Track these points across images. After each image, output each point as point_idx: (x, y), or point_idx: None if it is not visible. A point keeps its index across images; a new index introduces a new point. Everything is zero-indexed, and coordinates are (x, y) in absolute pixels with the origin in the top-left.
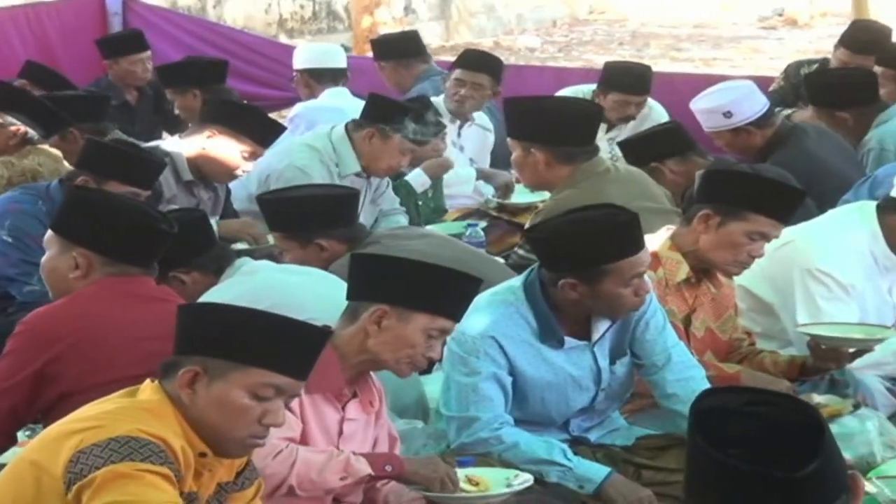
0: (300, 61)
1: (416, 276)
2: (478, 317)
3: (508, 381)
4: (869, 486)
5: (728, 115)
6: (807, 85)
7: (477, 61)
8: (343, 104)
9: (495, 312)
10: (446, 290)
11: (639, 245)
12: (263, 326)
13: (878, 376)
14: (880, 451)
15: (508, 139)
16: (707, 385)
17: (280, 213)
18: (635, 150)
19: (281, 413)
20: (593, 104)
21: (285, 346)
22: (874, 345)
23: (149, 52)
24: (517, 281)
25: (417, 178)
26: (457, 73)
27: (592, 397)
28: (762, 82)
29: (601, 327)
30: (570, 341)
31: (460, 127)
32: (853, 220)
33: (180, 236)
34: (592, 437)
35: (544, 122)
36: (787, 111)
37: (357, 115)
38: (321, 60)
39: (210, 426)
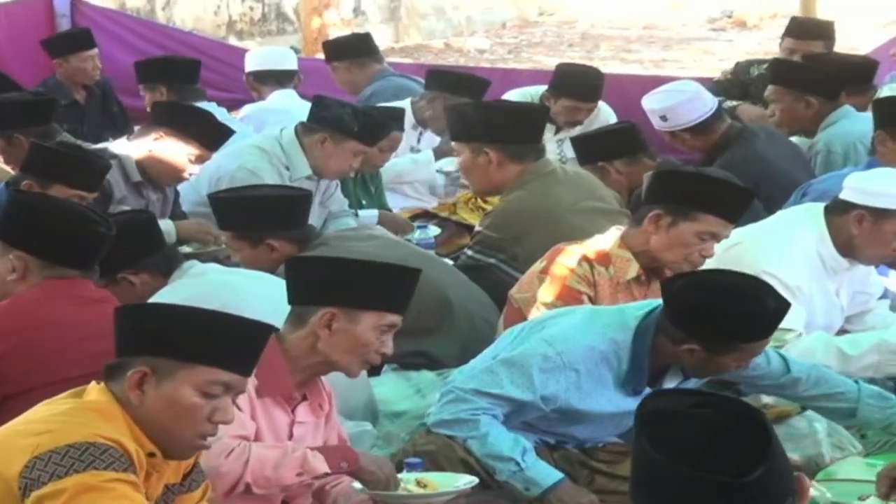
0: (247, 64)
1: (359, 275)
2: (581, 340)
3: (540, 413)
4: (811, 491)
5: (664, 118)
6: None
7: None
8: (290, 106)
9: (598, 347)
10: (389, 286)
11: (775, 328)
12: (208, 324)
13: None
14: (829, 452)
15: (454, 144)
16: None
17: (232, 213)
18: (587, 146)
19: (230, 410)
20: (537, 104)
21: (231, 343)
22: None
23: (97, 50)
24: (633, 319)
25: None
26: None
27: (621, 434)
28: (707, 83)
29: (674, 380)
30: (645, 390)
31: (421, 133)
32: (801, 221)
33: (129, 238)
34: (568, 444)
35: (493, 121)
36: (732, 102)
37: (304, 117)
38: (265, 63)
39: (160, 426)
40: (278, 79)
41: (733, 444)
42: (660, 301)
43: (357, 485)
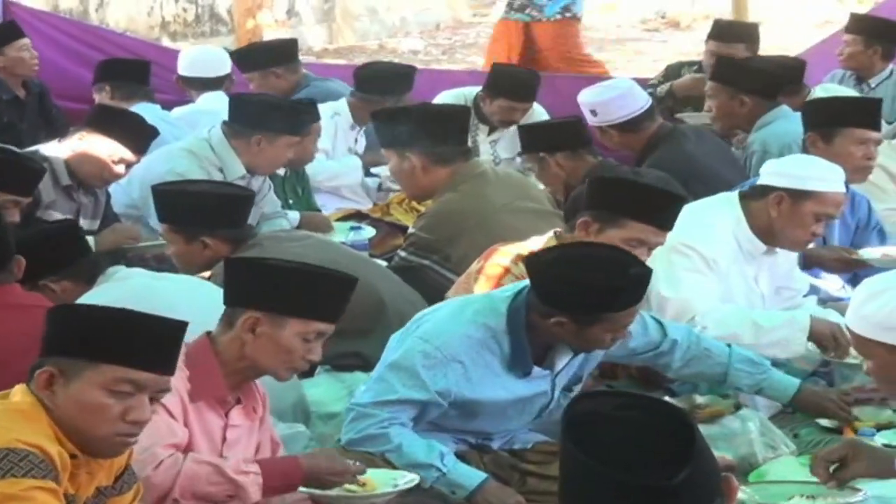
0: (180, 66)
1: (287, 280)
2: (455, 331)
3: (439, 410)
4: (738, 493)
5: (594, 113)
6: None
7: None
8: (220, 107)
9: (474, 335)
10: (319, 293)
11: (640, 296)
12: (112, 323)
13: None
14: (762, 452)
15: (384, 151)
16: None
17: (172, 205)
18: (532, 136)
19: (145, 409)
20: (458, 106)
21: (136, 341)
22: None
23: (29, 41)
24: (503, 303)
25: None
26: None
27: (532, 420)
28: (644, 84)
29: (564, 358)
30: (536, 371)
31: (358, 132)
32: (717, 205)
33: (50, 247)
34: (494, 445)
35: (414, 126)
36: (665, 85)
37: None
38: (197, 69)
39: (73, 426)
40: (208, 84)
41: (660, 445)
42: (527, 282)
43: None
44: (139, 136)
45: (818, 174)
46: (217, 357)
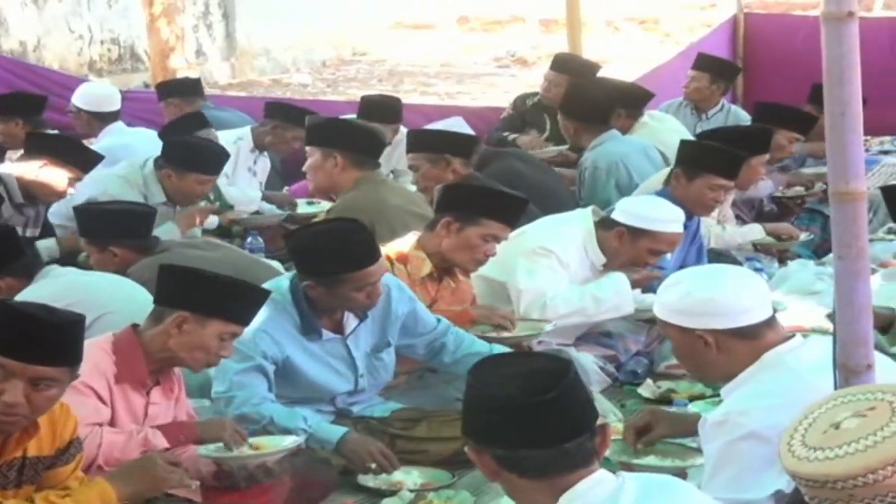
0: (76, 98)
1: (214, 287)
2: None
3: (271, 369)
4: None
5: None
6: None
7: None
8: (129, 140)
9: (268, 309)
10: (239, 300)
11: (373, 258)
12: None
13: (592, 355)
14: None
15: (308, 147)
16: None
17: (86, 221)
18: (425, 137)
19: (12, 392)
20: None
21: (8, 332)
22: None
23: None
24: (285, 280)
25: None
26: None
27: (354, 382)
28: (496, 111)
29: (351, 323)
30: (326, 334)
31: (257, 157)
32: (573, 219)
33: None
34: (355, 409)
35: (347, 133)
36: (514, 135)
37: (141, 144)
38: (91, 104)
39: None
40: (104, 118)
41: (540, 377)
42: None
43: (202, 450)
44: (88, 159)
45: (658, 216)
46: (142, 347)
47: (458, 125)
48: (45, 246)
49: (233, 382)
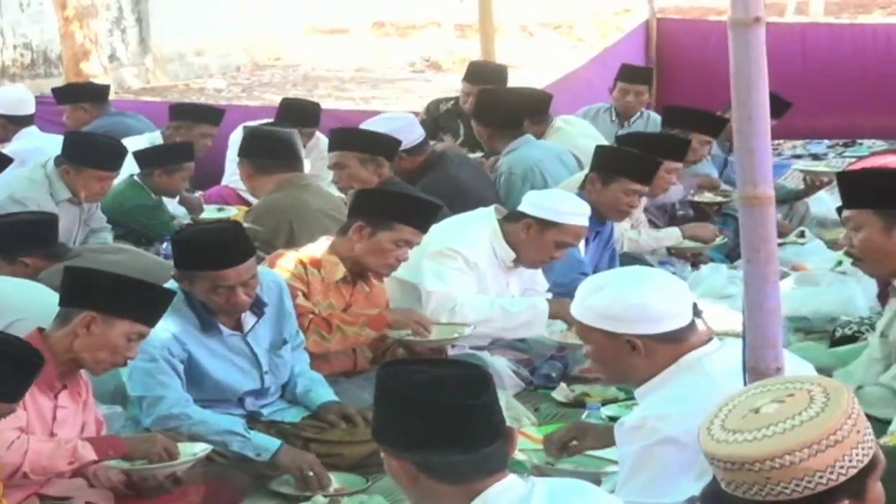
0: None
1: (120, 288)
2: None
3: (181, 367)
4: (519, 455)
5: None
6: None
7: None
8: (41, 144)
9: (171, 310)
10: (145, 300)
11: (229, 262)
12: None
13: (506, 359)
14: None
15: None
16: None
17: None
18: (373, 138)
19: None
20: (284, 131)
21: None
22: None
23: None
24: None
25: None
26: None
27: (261, 379)
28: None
29: (250, 321)
30: (225, 331)
31: None
32: (477, 219)
33: None
34: (265, 412)
35: (246, 139)
36: (431, 141)
37: (54, 149)
38: (13, 107)
39: None
40: (18, 122)
41: (461, 382)
42: None
43: (112, 462)
44: None
45: (565, 209)
46: (49, 349)
47: (410, 124)
48: None
49: (156, 382)
